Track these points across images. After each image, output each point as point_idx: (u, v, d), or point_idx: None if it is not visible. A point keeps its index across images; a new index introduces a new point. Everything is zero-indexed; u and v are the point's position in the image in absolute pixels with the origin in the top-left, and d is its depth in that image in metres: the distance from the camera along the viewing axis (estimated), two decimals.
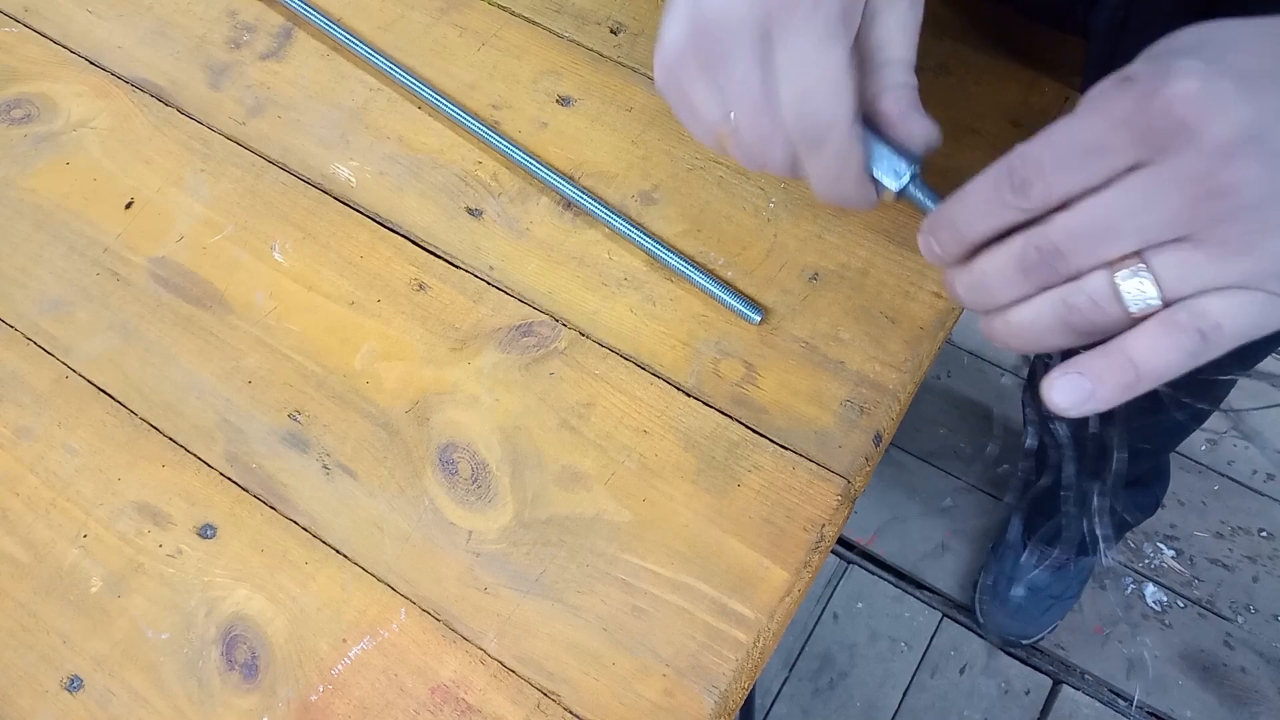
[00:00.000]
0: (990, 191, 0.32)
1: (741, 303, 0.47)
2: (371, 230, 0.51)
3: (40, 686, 0.42)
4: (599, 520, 0.43)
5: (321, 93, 0.56)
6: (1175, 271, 0.29)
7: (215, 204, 0.53)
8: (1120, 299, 0.30)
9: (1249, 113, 0.27)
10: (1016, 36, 0.55)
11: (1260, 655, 1.23)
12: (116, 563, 0.44)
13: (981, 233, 0.33)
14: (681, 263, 0.48)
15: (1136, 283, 0.30)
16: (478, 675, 0.41)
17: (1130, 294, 0.30)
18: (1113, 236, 0.30)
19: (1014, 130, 0.52)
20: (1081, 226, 0.30)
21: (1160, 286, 0.29)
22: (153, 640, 0.42)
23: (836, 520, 0.43)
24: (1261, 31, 0.29)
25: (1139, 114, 0.28)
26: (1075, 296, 0.31)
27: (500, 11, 0.58)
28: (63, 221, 0.53)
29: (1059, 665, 1.24)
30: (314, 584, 0.43)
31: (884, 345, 0.46)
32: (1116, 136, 0.29)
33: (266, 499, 0.45)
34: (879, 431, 0.45)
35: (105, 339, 0.49)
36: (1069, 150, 0.30)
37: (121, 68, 0.58)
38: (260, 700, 0.41)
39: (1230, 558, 1.29)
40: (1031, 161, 0.31)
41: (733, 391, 0.46)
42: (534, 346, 0.48)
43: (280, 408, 0.47)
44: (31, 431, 0.47)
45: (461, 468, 0.45)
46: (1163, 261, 0.29)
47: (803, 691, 1.24)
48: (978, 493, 1.37)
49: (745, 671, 0.40)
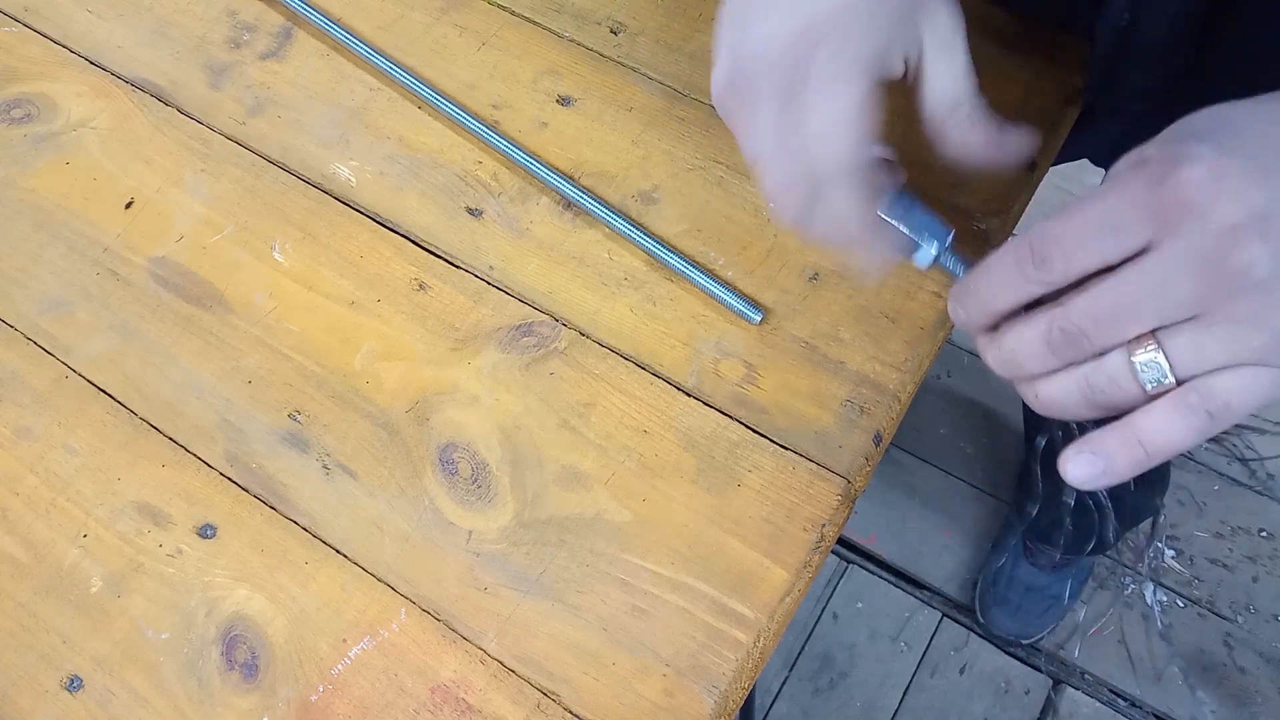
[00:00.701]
0: (1013, 266, 0.34)
1: (742, 302, 0.47)
2: (371, 230, 0.51)
3: (40, 686, 0.42)
4: (599, 520, 0.43)
5: (321, 93, 0.56)
6: (1187, 350, 0.31)
7: (215, 204, 0.53)
8: (1136, 378, 0.32)
9: (1257, 195, 0.29)
10: (1017, 36, 0.55)
11: (1260, 655, 1.23)
12: (116, 563, 0.44)
13: (1005, 305, 0.35)
14: (681, 263, 0.48)
15: (1151, 361, 0.31)
16: (478, 675, 0.41)
17: (1145, 373, 0.32)
18: (1130, 317, 0.31)
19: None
20: (1101, 308, 0.32)
21: (1173, 365, 0.31)
22: (153, 640, 0.42)
23: (837, 520, 0.43)
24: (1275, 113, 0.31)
25: (1152, 196, 0.30)
26: (1096, 376, 0.33)
27: (500, 11, 0.58)
28: (63, 221, 0.53)
29: (1059, 665, 1.24)
30: (314, 584, 0.43)
31: (884, 345, 0.46)
32: (1131, 216, 0.31)
33: (266, 499, 0.45)
34: (879, 431, 0.45)
35: (105, 339, 0.49)
36: (1086, 229, 0.32)
37: (121, 68, 0.58)
38: (260, 700, 0.41)
39: (1230, 558, 1.29)
40: (1051, 238, 0.32)
41: (733, 391, 0.46)
42: (534, 346, 0.48)
43: (280, 408, 0.47)
44: (31, 431, 0.47)
45: (461, 468, 0.45)
46: (1175, 341, 0.31)
47: (803, 691, 1.24)
48: (978, 492, 1.37)
49: (745, 671, 0.40)
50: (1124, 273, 0.31)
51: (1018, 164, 0.39)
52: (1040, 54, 0.54)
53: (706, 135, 0.53)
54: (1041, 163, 0.51)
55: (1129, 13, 0.45)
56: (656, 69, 0.55)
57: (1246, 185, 0.29)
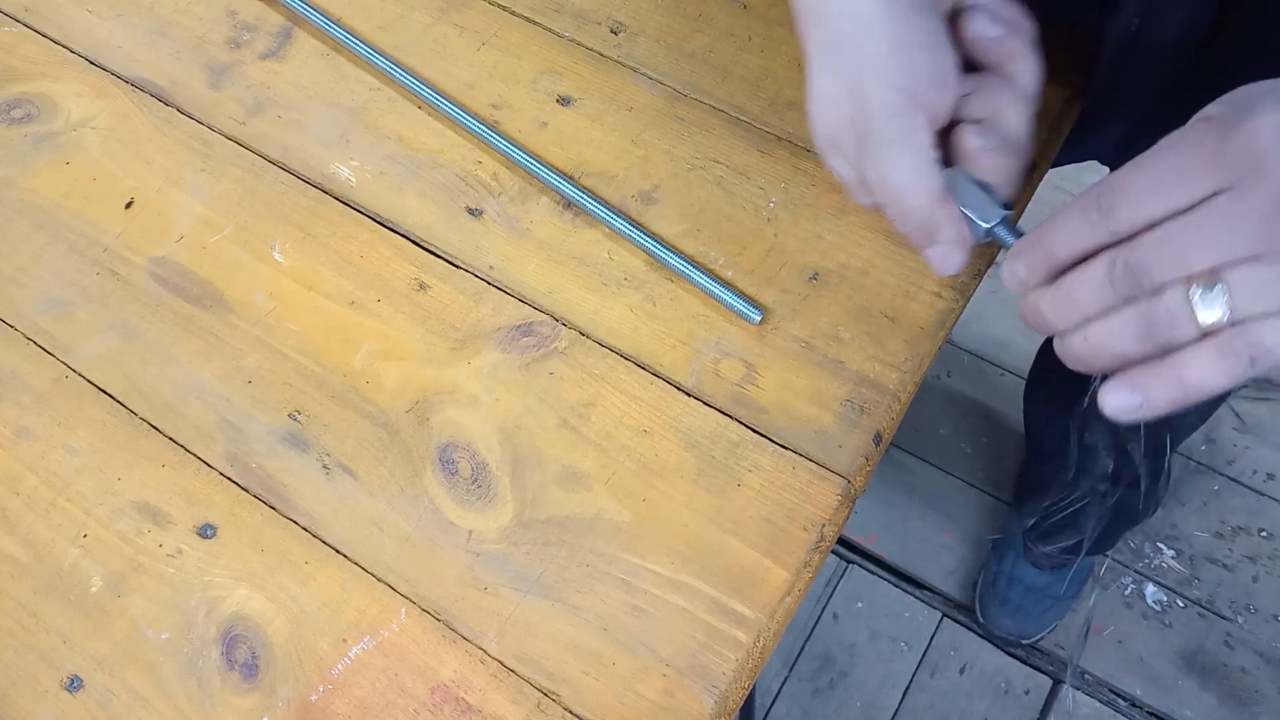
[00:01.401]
0: (1080, 215, 0.35)
1: (741, 302, 0.47)
2: (371, 230, 0.51)
3: (40, 686, 0.42)
4: (599, 520, 0.43)
5: (321, 93, 0.56)
6: (1247, 288, 0.32)
7: (215, 204, 0.53)
8: (1194, 313, 0.33)
9: None
10: None
11: (1260, 655, 1.23)
12: (116, 563, 0.44)
13: (1069, 253, 0.36)
14: (681, 262, 0.48)
15: (1210, 297, 0.32)
16: (478, 675, 0.41)
17: (1203, 309, 0.32)
18: (1195, 253, 0.32)
19: None
20: (1167, 243, 0.33)
21: (1231, 303, 0.32)
22: (153, 640, 0.42)
23: (836, 520, 0.43)
24: None
25: (1222, 145, 0.31)
26: (1154, 310, 0.33)
27: (500, 11, 0.58)
28: (63, 221, 0.53)
29: (1059, 665, 1.24)
30: (314, 584, 0.43)
31: (884, 345, 0.46)
32: (1201, 165, 0.32)
33: (266, 499, 0.45)
34: (879, 431, 0.45)
35: (105, 339, 0.49)
36: (1156, 178, 0.33)
37: (121, 68, 0.58)
38: (260, 700, 0.41)
39: (1230, 558, 1.29)
40: (1120, 189, 0.33)
41: (733, 391, 0.46)
42: (534, 346, 0.48)
43: (280, 408, 0.47)
44: (31, 431, 0.47)
45: (461, 468, 0.45)
46: (1237, 277, 0.32)
47: (803, 691, 1.24)
48: (978, 492, 1.37)
49: (745, 671, 0.40)
50: (1194, 213, 0.32)
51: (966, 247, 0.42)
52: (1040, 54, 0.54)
53: (706, 135, 0.53)
54: (1041, 163, 0.51)
55: (1138, 17, 0.45)
56: (656, 69, 0.55)
57: None
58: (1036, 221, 0.37)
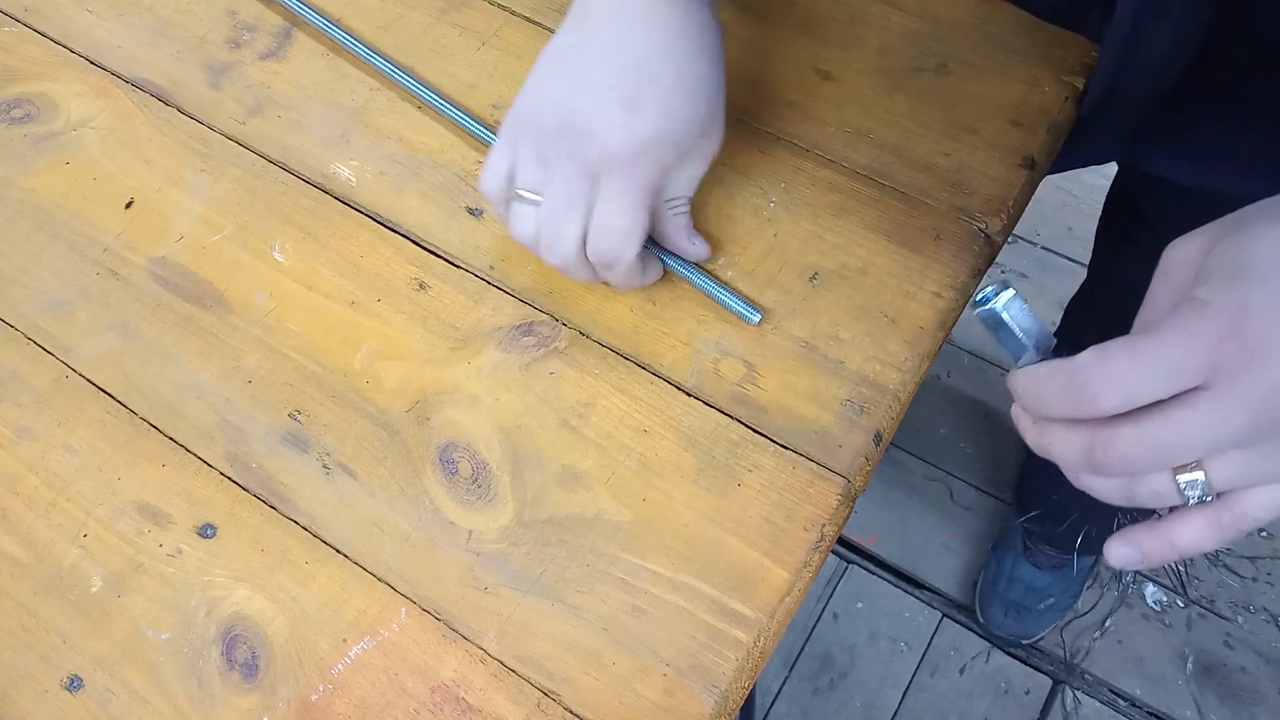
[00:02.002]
0: (1062, 394, 0.34)
1: (741, 304, 0.47)
2: (371, 230, 0.51)
3: (40, 686, 0.42)
4: (599, 520, 0.43)
5: (321, 93, 0.56)
6: (1229, 471, 0.33)
7: (215, 204, 0.53)
8: (1180, 494, 0.34)
9: None
10: (1017, 36, 0.55)
11: (1260, 655, 1.23)
12: (116, 563, 0.44)
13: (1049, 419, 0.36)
14: (680, 264, 0.48)
15: (1196, 482, 0.33)
16: (478, 675, 0.41)
17: (1190, 491, 0.33)
18: (1180, 452, 0.32)
19: (1014, 130, 0.52)
20: (1150, 443, 0.33)
21: (1213, 484, 0.33)
22: (153, 640, 0.42)
23: (836, 520, 0.43)
24: None
25: (1221, 345, 0.31)
26: (1138, 488, 0.35)
27: (500, 11, 0.58)
28: (63, 221, 0.53)
29: (1059, 665, 1.24)
30: (314, 584, 0.43)
31: (884, 345, 0.46)
32: (1192, 361, 0.31)
33: (266, 499, 0.45)
34: (879, 431, 0.45)
35: (105, 339, 0.49)
36: (1147, 371, 0.32)
37: (121, 68, 0.58)
38: (260, 700, 0.41)
39: (1230, 558, 1.29)
40: (1105, 379, 0.33)
41: (733, 391, 0.46)
42: (534, 346, 0.48)
43: (280, 408, 0.47)
44: (31, 431, 0.47)
45: (461, 467, 0.45)
46: (1218, 465, 0.33)
47: (803, 691, 1.24)
48: (978, 492, 1.37)
49: (745, 671, 0.40)
50: (1176, 412, 0.32)
51: (702, 258, 0.48)
52: (1040, 54, 0.54)
53: None
54: (1041, 161, 0.51)
55: (1133, 20, 0.45)
56: None
57: None
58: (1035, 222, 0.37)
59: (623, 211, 0.43)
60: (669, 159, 0.44)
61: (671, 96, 0.43)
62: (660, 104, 0.43)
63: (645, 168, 0.43)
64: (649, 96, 0.43)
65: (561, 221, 0.44)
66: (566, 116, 0.43)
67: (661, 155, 0.43)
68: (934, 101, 0.53)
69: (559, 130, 0.43)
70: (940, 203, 0.50)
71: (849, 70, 0.55)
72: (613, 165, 0.43)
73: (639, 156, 0.43)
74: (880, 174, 0.51)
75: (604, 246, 0.44)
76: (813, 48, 0.55)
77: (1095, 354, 0.33)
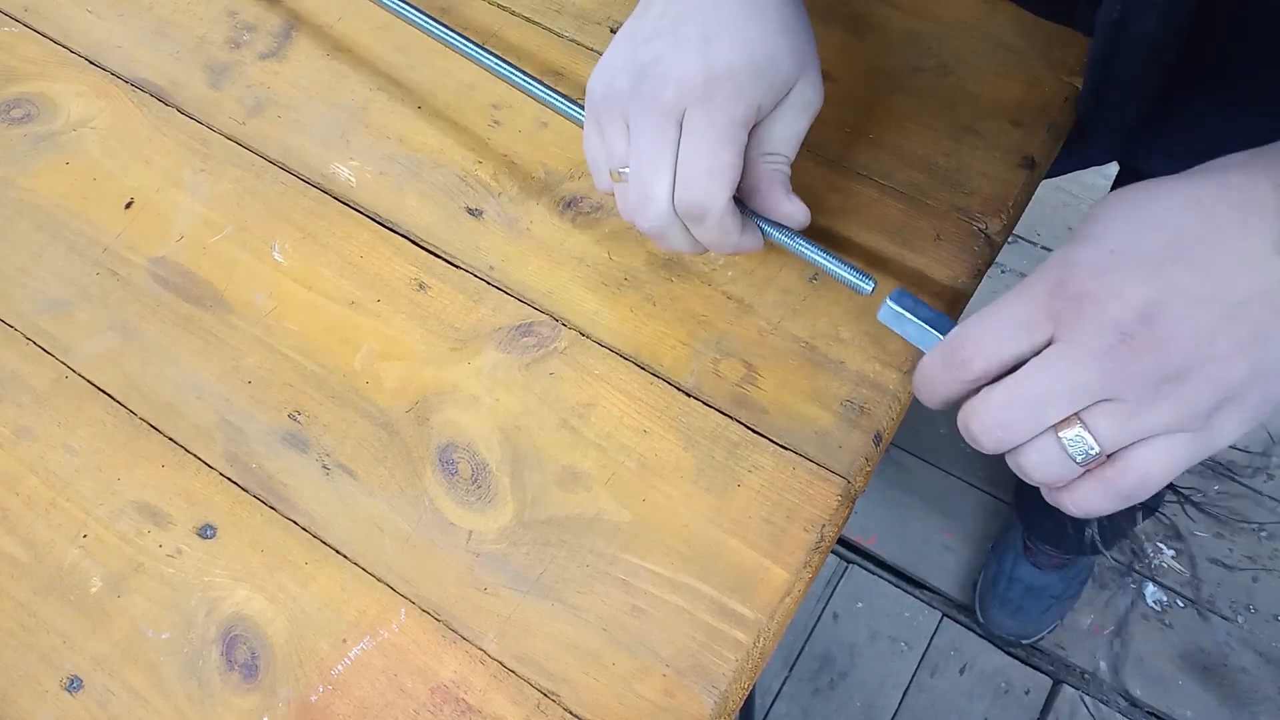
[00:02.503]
0: (940, 368, 0.37)
1: (853, 273, 0.43)
2: (371, 230, 0.51)
3: (40, 686, 0.42)
4: (599, 520, 0.43)
5: (321, 93, 0.56)
6: (1107, 425, 0.34)
7: (215, 204, 0.53)
8: (1066, 454, 0.35)
9: (1143, 293, 0.32)
10: (1017, 36, 0.55)
11: (1260, 655, 1.23)
12: (116, 563, 0.44)
13: (943, 400, 0.38)
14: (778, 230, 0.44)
15: (1077, 437, 0.34)
16: (478, 675, 0.41)
17: (1073, 448, 0.34)
18: (1044, 405, 0.34)
19: (1014, 130, 0.52)
20: (1013, 398, 0.35)
21: (1098, 440, 0.34)
22: (153, 640, 0.42)
23: (836, 520, 0.43)
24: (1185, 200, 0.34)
25: (1050, 296, 0.34)
26: (1026, 458, 0.36)
27: (500, 11, 0.58)
28: (63, 221, 0.53)
29: (1059, 665, 1.24)
30: (314, 584, 0.43)
31: (884, 345, 0.46)
32: (1035, 317, 0.34)
33: (266, 499, 0.45)
34: (879, 431, 0.44)
35: (105, 339, 0.49)
36: (1000, 331, 0.35)
37: (121, 68, 0.58)
38: (260, 700, 0.41)
39: (1230, 558, 1.29)
40: (971, 342, 0.36)
41: (733, 391, 0.46)
42: (534, 346, 0.48)
43: (280, 408, 0.47)
44: (31, 431, 0.47)
45: (461, 468, 0.45)
46: (1095, 419, 0.34)
47: (803, 691, 1.24)
48: (978, 492, 1.37)
49: (745, 671, 0.40)
50: (1033, 365, 0.34)
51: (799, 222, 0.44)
52: (1040, 54, 0.54)
53: None
54: (1041, 161, 0.51)
55: (1121, 7, 0.45)
56: None
57: (1136, 283, 0.33)
58: (1035, 222, 0.38)
59: (707, 151, 0.39)
60: (754, 93, 0.40)
61: (749, 25, 0.39)
62: (735, 33, 0.39)
63: (726, 97, 0.39)
64: (721, 29, 0.39)
65: (648, 180, 0.41)
66: (636, 71, 0.40)
67: (743, 86, 0.39)
68: (934, 101, 0.53)
69: (631, 87, 0.40)
70: (940, 203, 0.50)
71: (849, 70, 0.55)
72: (691, 100, 0.39)
73: (717, 86, 0.39)
74: (880, 174, 0.51)
75: (689, 195, 0.40)
76: None
77: (961, 325, 0.37)
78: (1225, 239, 0.33)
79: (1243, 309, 0.32)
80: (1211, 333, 0.32)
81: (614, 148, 0.42)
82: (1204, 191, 0.34)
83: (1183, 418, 0.33)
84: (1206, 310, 0.32)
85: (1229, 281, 0.32)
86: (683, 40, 0.39)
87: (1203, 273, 0.32)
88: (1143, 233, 0.34)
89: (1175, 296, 0.32)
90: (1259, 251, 0.32)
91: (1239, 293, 0.32)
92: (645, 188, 0.41)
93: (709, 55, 0.39)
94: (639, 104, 0.40)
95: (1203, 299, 0.32)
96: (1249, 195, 0.33)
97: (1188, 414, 0.33)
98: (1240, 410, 0.33)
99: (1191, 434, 0.34)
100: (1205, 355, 0.32)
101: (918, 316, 0.41)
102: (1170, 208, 0.34)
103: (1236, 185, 0.33)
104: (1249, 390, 0.33)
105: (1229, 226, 0.33)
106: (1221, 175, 0.34)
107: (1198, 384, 0.32)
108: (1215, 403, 0.33)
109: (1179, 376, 0.32)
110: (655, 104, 0.40)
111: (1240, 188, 0.33)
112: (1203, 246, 0.33)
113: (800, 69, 0.41)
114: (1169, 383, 0.32)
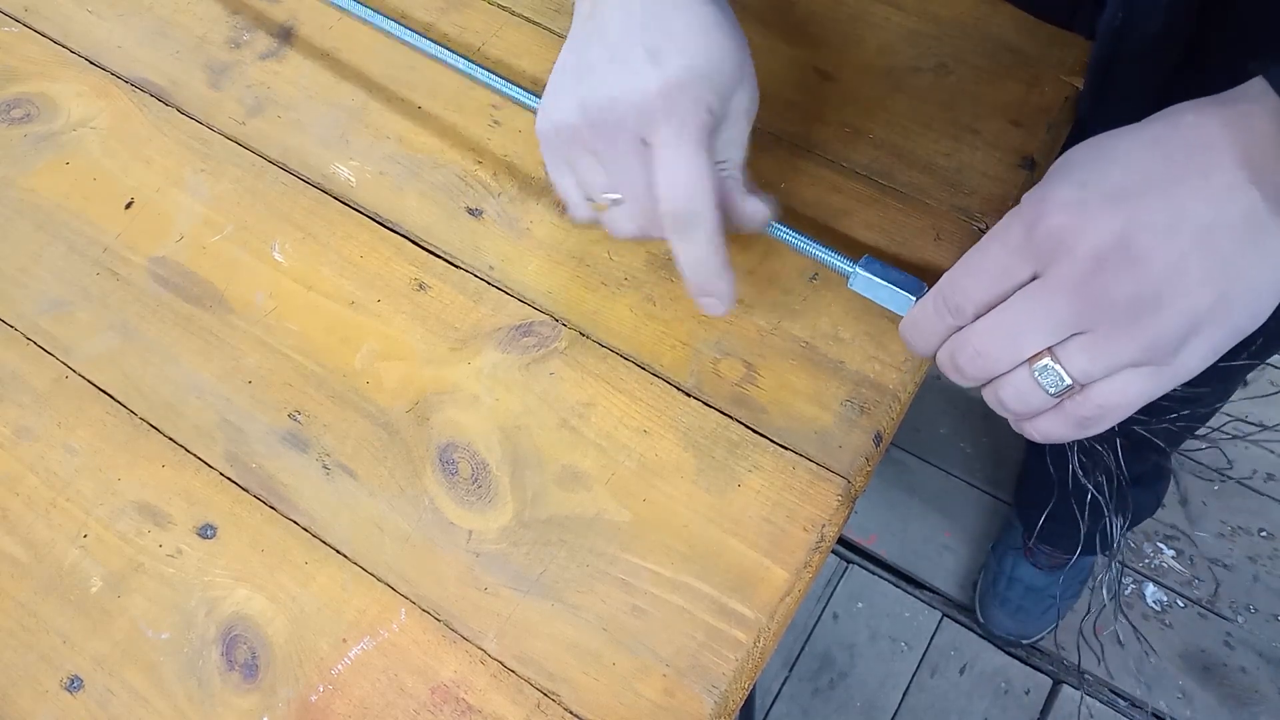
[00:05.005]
0: (933, 315, 0.40)
1: (838, 258, 0.45)
2: (371, 230, 0.51)
3: (40, 686, 0.42)
4: (599, 520, 0.43)
5: (321, 93, 0.56)
6: (1080, 358, 0.35)
7: (215, 204, 0.53)
8: (1040, 386, 0.37)
9: (1115, 224, 0.34)
10: (1016, 36, 0.55)
11: (1260, 655, 1.23)
12: (116, 563, 0.44)
13: (936, 347, 0.41)
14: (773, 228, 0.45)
15: (1048, 368, 0.36)
16: (478, 675, 0.41)
17: (1045, 379, 0.36)
18: (1020, 337, 0.36)
19: (1014, 130, 0.52)
20: (993, 330, 0.37)
21: (1069, 372, 0.36)
22: (153, 640, 0.42)
23: (837, 520, 0.43)
24: (1144, 141, 0.35)
25: (1026, 236, 0.35)
26: (1003, 390, 0.38)
27: (500, 11, 0.58)
28: (63, 221, 0.53)
29: (1059, 665, 1.24)
30: (314, 584, 0.43)
31: (884, 345, 0.46)
32: (1014, 257, 0.36)
33: (266, 499, 0.45)
34: (879, 431, 0.45)
35: (105, 339, 0.49)
36: (983, 273, 0.37)
37: (121, 68, 0.58)
38: (260, 700, 0.41)
39: (1230, 558, 1.29)
40: (958, 288, 0.38)
41: (733, 391, 0.46)
42: (534, 346, 0.48)
43: (280, 408, 0.47)
44: (31, 431, 0.47)
45: (461, 468, 0.45)
46: (1067, 352, 0.36)
47: (803, 691, 1.24)
48: (978, 492, 1.37)
49: (745, 671, 0.40)
50: (1013, 300, 0.36)
51: (767, 215, 0.44)
52: (1040, 54, 0.54)
53: None
54: (1041, 161, 0.52)
55: (1122, 10, 0.45)
56: None
57: (1107, 218, 0.34)
58: None
59: (682, 160, 0.39)
60: (711, 99, 0.40)
61: (690, 35, 0.40)
62: (682, 45, 0.40)
63: (688, 106, 0.39)
64: (666, 42, 0.40)
65: (648, 203, 0.41)
66: (591, 105, 0.40)
67: (701, 93, 0.39)
68: (934, 101, 0.53)
69: (588, 123, 0.41)
70: (940, 203, 0.50)
71: (849, 70, 0.55)
72: (654, 116, 0.39)
73: (677, 96, 0.39)
74: (880, 174, 0.51)
75: (677, 207, 0.40)
76: (813, 47, 0.55)
77: (948, 274, 0.39)
78: (1187, 174, 0.34)
79: (1211, 239, 0.33)
80: (1183, 261, 0.33)
81: (589, 178, 0.43)
82: (1160, 132, 0.35)
83: (1153, 348, 0.34)
84: (1177, 240, 0.33)
85: (1196, 213, 0.33)
86: (629, 62, 0.40)
87: (1171, 205, 0.34)
88: (1110, 169, 0.35)
89: (1146, 227, 0.33)
90: (1221, 185, 0.33)
91: (1206, 224, 0.33)
92: (650, 212, 0.41)
93: (662, 69, 0.39)
94: (604, 135, 0.40)
95: (1173, 229, 0.33)
96: (1200, 133, 0.34)
97: (1159, 344, 0.34)
98: (1205, 342, 0.34)
99: (1155, 367, 0.35)
100: (1177, 283, 0.33)
101: (888, 280, 0.44)
102: (1133, 148, 0.35)
103: (1189, 124, 0.35)
104: (1215, 321, 0.34)
105: (1189, 163, 0.34)
106: (1176, 117, 0.35)
107: (1169, 315, 0.33)
108: (1184, 333, 0.34)
109: (1153, 305, 0.33)
110: (620, 130, 0.40)
111: (1192, 126, 0.35)
112: (1168, 181, 0.34)
113: (741, 74, 0.42)
114: (1143, 311, 0.34)
